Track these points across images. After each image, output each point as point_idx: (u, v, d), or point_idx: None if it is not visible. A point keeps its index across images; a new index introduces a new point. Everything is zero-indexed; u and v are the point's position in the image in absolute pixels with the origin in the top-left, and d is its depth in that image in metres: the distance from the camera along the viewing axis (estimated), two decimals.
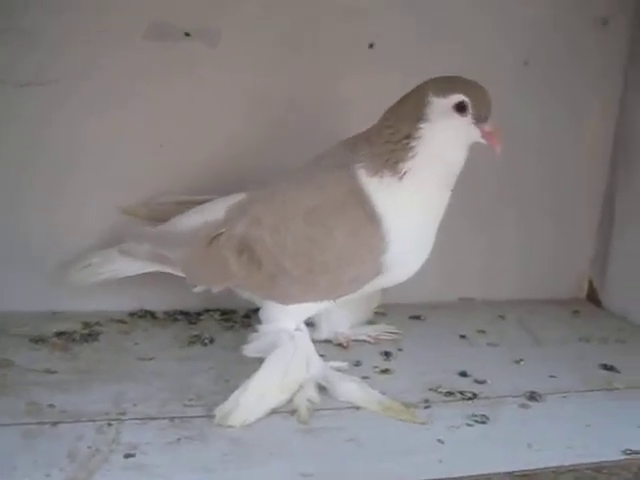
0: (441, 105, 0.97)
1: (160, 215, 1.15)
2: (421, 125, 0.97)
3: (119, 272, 1.15)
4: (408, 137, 0.98)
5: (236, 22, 1.25)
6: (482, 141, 0.98)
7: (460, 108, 0.96)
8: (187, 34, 1.23)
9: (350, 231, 0.98)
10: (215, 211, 1.07)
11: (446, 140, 0.97)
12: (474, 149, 1.32)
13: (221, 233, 1.04)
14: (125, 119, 1.23)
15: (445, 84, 0.98)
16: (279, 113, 1.28)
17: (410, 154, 0.98)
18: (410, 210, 0.99)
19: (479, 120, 0.96)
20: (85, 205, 1.25)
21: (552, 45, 1.40)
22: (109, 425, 0.92)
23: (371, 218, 0.97)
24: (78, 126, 1.22)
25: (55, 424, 0.92)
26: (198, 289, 1.11)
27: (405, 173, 0.98)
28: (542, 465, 0.88)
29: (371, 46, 1.31)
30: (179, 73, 1.24)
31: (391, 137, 0.99)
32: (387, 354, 1.18)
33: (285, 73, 1.28)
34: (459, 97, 0.96)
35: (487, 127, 0.96)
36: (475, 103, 0.96)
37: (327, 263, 0.99)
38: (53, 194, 1.23)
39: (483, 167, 1.37)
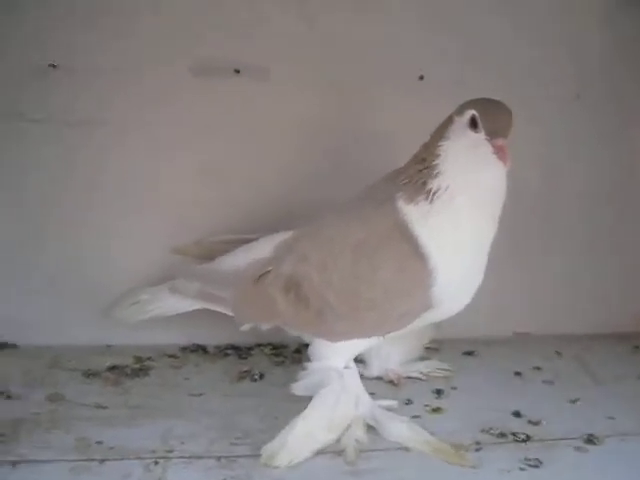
0: (459, 122, 0.96)
1: (210, 254, 1.16)
2: (442, 143, 0.98)
3: (168, 310, 1.16)
4: (432, 156, 0.98)
5: (285, 57, 1.26)
6: (494, 156, 0.94)
7: (473, 124, 0.95)
8: (237, 71, 1.25)
9: (396, 266, 0.97)
10: (262, 249, 1.07)
11: (462, 156, 0.96)
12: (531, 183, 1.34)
13: (268, 271, 1.04)
14: (178, 157, 1.25)
15: (466, 103, 0.97)
16: (329, 147, 1.29)
17: (434, 172, 0.97)
18: (452, 238, 0.97)
19: (491, 135, 0.93)
20: (138, 242, 1.27)
21: (605, 78, 1.36)
22: (156, 464, 0.92)
23: (416, 251, 0.96)
24: (132, 166, 1.25)
25: (103, 461, 0.92)
26: (246, 327, 1.11)
27: (433, 193, 0.96)
28: None
29: (421, 78, 1.30)
30: (230, 109, 1.25)
31: (418, 159, 0.99)
32: (439, 392, 1.15)
33: (334, 107, 1.28)
34: (471, 112, 0.95)
35: (499, 142, 0.93)
36: (486, 118, 0.94)
37: (374, 299, 0.98)
38: (108, 231, 1.27)
39: (539, 199, 1.37)
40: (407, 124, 1.23)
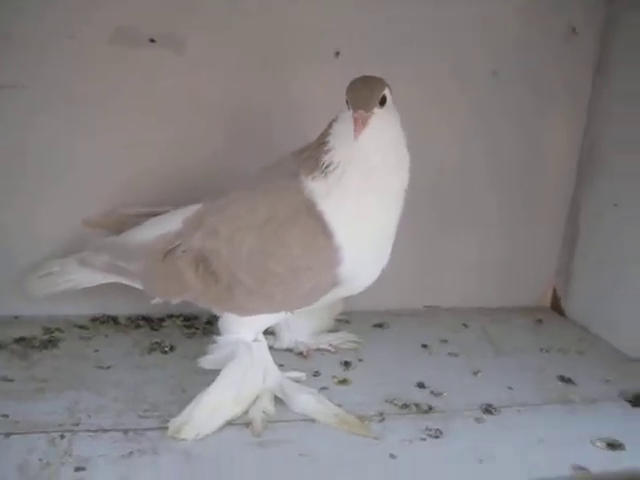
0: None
1: (120, 226, 1.15)
2: (333, 122, 1.00)
3: (78, 282, 1.15)
4: (326, 133, 1.00)
5: (201, 28, 1.25)
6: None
7: (346, 102, 0.97)
8: (152, 40, 1.23)
9: (303, 243, 0.98)
10: (171, 223, 1.07)
11: (341, 132, 0.98)
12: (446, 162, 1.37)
13: (177, 246, 1.04)
14: (87, 125, 1.23)
15: None
16: (240, 121, 1.28)
17: (326, 148, 0.99)
18: (355, 214, 0.98)
19: (353, 108, 0.94)
20: (47, 212, 1.24)
21: (520, 55, 1.39)
22: (62, 437, 0.92)
23: (322, 228, 0.97)
24: (49, 135, 1.22)
25: (8, 435, 0.92)
26: (157, 300, 1.11)
27: (326, 167, 0.97)
28: None
29: (337, 54, 1.31)
30: (143, 79, 1.24)
31: (319, 137, 1.01)
32: (347, 364, 1.18)
33: (250, 79, 1.28)
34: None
35: (355, 114, 0.93)
36: (350, 93, 0.96)
37: (281, 275, 0.99)
38: (20, 200, 1.24)
39: (450, 176, 1.40)
40: (322, 98, 1.24)
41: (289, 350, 1.21)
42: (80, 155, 1.24)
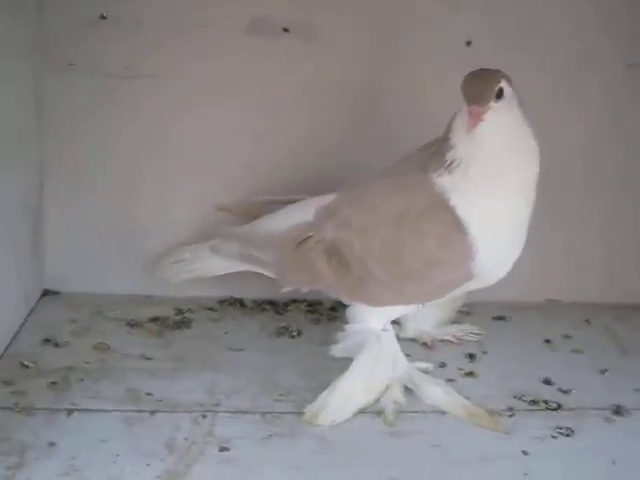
0: None
1: (254, 213, 1.18)
2: (455, 118, 1.00)
3: (209, 270, 1.19)
4: (448, 129, 1.00)
5: (333, 17, 1.26)
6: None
7: (463, 96, 0.96)
8: (285, 29, 1.25)
9: (437, 237, 0.98)
10: (304, 213, 1.09)
11: (459, 127, 0.97)
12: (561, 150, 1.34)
13: (310, 236, 1.06)
14: (221, 114, 1.26)
15: None
16: (371, 110, 1.29)
17: (449, 144, 0.99)
18: (486, 209, 0.98)
19: (468, 104, 0.94)
20: (181, 197, 1.29)
21: None
22: (204, 417, 0.96)
23: (456, 223, 0.98)
24: (184, 123, 1.26)
25: (153, 413, 0.97)
26: (286, 289, 1.13)
27: (449, 165, 0.98)
28: None
29: (468, 44, 1.30)
30: (276, 68, 1.26)
31: (444, 132, 1.01)
32: (471, 356, 1.19)
33: (380, 69, 1.28)
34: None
35: (470, 109, 0.93)
36: (464, 88, 0.95)
37: (415, 269, 1.00)
38: (154, 184, 1.29)
39: (577, 164, 1.38)
40: (453, 88, 1.24)
41: (413, 340, 1.22)
42: (213, 143, 1.27)
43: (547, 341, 1.26)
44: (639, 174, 1.40)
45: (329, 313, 1.30)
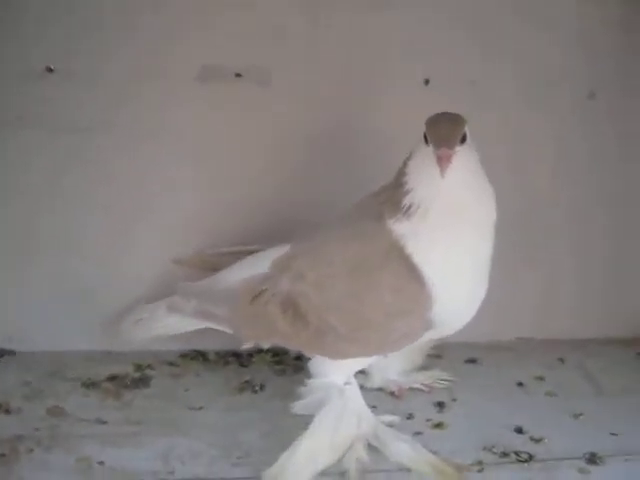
0: (421, 139, 0.96)
1: (212, 265, 1.15)
2: (409, 161, 0.98)
3: (170, 329, 1.16)
4: (402, 174, 0.98)
5: (286, 61, 1.24)
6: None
7: (425, 138, 0.94)
8: (238, 75, 1.22)
9: (394, 287, 0.95)
10: (259, 265, 1.06)
11: (420, 171, 0.95)
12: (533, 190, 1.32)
13: (265, 289, 1.03)
14: (179, 166, 1.24)
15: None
16: (327, 153, 1.27)
17: (404, 189, 0.96)
18: (443, 255, 0.95)
19: (435, 146, 0.91)
20: (140, 251, 1.26)
21: (618, 77, 1.34)
22: None
23: (412, 272, 0.95)
24: (134, 174, 1.24)
25: None
26: (247, 345, 1.10)
27: (407, 210, 0.95)
28: None
29: (427, 82, 1.28)
30: (231, 114, 1.24)
31: (395, 177, 1.00)
32: (440, 405, 1.15)
33: (338, 111, 1.26)
34: (424, 129, 0.95)
35: (439, 152, 0.91)
36: (431, 130, 0.93)
37: (374, 320, 0.97)
38: (108, 238, 1.25)
39: (541, 203, 1.36)
40: (412, 129, 1.21)
41: (380, 389, 1.18)
42: (165, 194, 1.25)
43: (520, 384, 1.23)
44: (610, 208, 1.38)
45: (295, 363, 1.26)
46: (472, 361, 1.31)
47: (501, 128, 1.29)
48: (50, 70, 1.19)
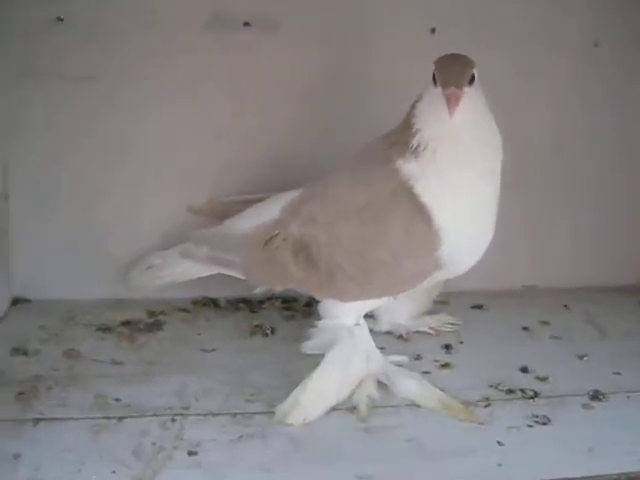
0: (430, 83, 0.96)
1: (225, 213, 1.17)
2: (417, 102, 0.99)
3: (181, 275, 1.17)
4: (411, 115, 0.99)
5: (294, 10, 1.25)
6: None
7: (434, 79, 0.95)
8: (247, 24, 1.23)
9: (403, 227, 0.97)
10: (269, 211, 1.08)
11: (428, 111, 0.96)
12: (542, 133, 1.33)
13: (276, 234, 1.04)
14: (184, 114, 1.25)
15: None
16: (337, 101, 1.28)
17: (413, 130, 0.97)
18: (451, 195, 0.96)
19: (443, 86, 0.92)
20: (148, 200, 1.28)
21: (624, 26, 1.34)
22: (173, 421, 0.94)
23: (421, 212, 0.96)
24: (147, 124, 1.25)
25: (121, 419, 0.94)
26: (259, 290, 1.12)
27: (415, 150, 0.96)
28: (603, 472, 0.86)
29: (433, 31, 1.28)
30: (238, 63, 1.24)
31: (405, 118, 1.00)
32: (448, 347, 1.17)
33: (345, 58, 1.27)
34: (433, 69, 0.95)
35: (448, 91, 0.91)
36: (440, 71, 0.94)
37: (382, 260, 0.98)
38: (123, 188, 1.27)
39: (553, 150, 1.37)
40: (420, 78, 1.22)
41: (389, 333, 1.20)
42: (178, 144, 1.26)
43: (525, 328, 1.25)
44: (603, 153, 1.40)
45: (304, 309, 1.29)
46: (478, 307, 1.33)
47: (509, 77, 1.29)
48: (60, 20, 1.19)
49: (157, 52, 1.22)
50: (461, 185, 0.96)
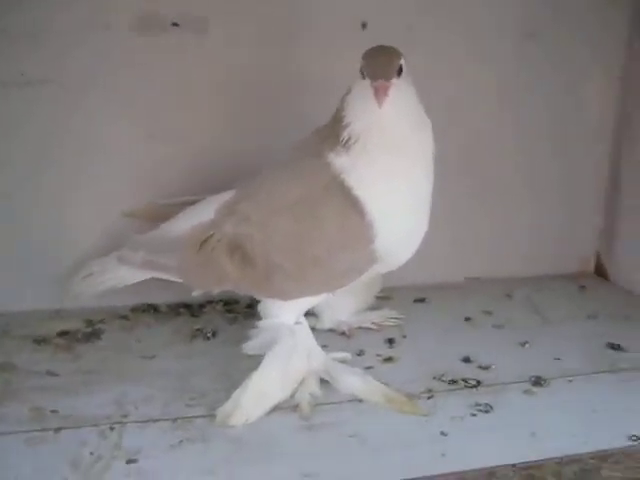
0: (358, 76, 0.96)
1: (162, 216, 1.14)
2: (346, 96, 0.99)
3: (119, 280, 1.15)
4: (340, 109, 0.99)
5: (223, 9, 1.23)
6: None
7: (361, 72, 0.95)
8: (175, 24, 1.21)
9: (336, 221, 0.97)
10: (204, 212, 1.06)
11: (357, 104, 0.96)
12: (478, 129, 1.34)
13: (211, 235, 1.03)
14: (115, 117, 1.23)
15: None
16: (267, 99, 1.27)
17: (343, 123, 0.97)
18: (383, 188, 0.96)
19: (371, 78, 0.92)
20: (83, 205, 1.25)
21: (556, 17, 1.36)
22: (111, 429, 0.92)
23: (353, 205, 0.96)
24: (80, 128, 1.22)
25: (58, 430, 0.92)
26: (197, 292, 1.10)
27: (345, 143, 0.96)
28: (546, 455, 0.87)
29: (364, 26, 1.28)
30: (167, 64, 1.23)
31: (335, 113, 1.00)
32: (390, 341, 1.17)
33: (274, 56, 1.26)
34: (360, 63, 0.95)
35: (376, 83, 0.91)
36: (367, 63, 0.94)
37: (318, 256, 0.98)
38: (58, 194, 1.24)
39: (486, 144, 1.38)
40: (351, 72, 1.22)
41: (331, 330, 1.20)
42: (110, 147, 1.24)
43: (467, 319, 1.26)
44: (541, 142, 1.41)
45: (246, 311, 1.28)
46: (421, 300, 1.33)
47: (442, 71, 1.30)
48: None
49: (92, 54, 1.20)
50: (393, 177, 0.96)
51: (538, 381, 1.04)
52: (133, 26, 1.21)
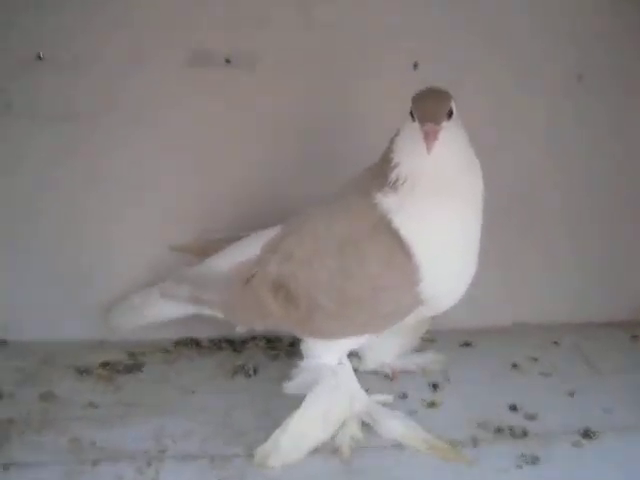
0: (408, 118, 0.95)
1: (211, 251, 1.14)
2: (396, 137, 0.98)
3: (161, 315, 1.15)
4: (390, 150, 0.98)
5: (275, 46, 1.24)
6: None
7: (411, 114, 0.94)
8: (227, 60, 1.23)
9: (382, 261, 0.95)
10: (249, 249, 1.06)
11: (406, 146, 0.95)
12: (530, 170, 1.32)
13: (256, 272, 1.02)
14: (174, 151, 1.24)
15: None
16: (318, 138, 1.27)
17: (391, 164, 0.96)
18: (431, 230, 0.95)
19: (421, 122, 0.91)
20: (134, 238, 1.26)
21: (606, 59, 1.34)
22: (149, 465, 0.91)
23: (400, 246, 0.94)
24: (129, 160, 1.24)
25: (95, 463, 0.91)
26: (240, 328, 1.10)
27: (394, 184, 0.95)
28: None
29: (415, 66, 1.28)
30: (218, 100, 1.24)
31: (384, 153, 0.99)
32: (434, 386, 1.14)
33: (325, 96, 1.26)
34: (410, 105, 0.95)
35: (425, 127, 0.90)
36: (417, 106, 0.93)
37: (361, 296, 0.96)
38: (104, 226, 1.26)
39: (537, 184, 1.35)
40: (402, 112, 1.22)
41: (374, 372, 1.17)
42: (159, 180, 1.25)
43: (514, 365, 1.22)
44: (594, 187, 1.38)
45: (288, 349, 1.26)
46: (467, 344, 1.30)
47: (492, 111, 1.29)
48: (40, 58, 1.19)
49: (139, 90, 1.22)
50: (440, 218, 0.95)
51: (587, 433, 1.00)
52: (185, 61, 1.22)
